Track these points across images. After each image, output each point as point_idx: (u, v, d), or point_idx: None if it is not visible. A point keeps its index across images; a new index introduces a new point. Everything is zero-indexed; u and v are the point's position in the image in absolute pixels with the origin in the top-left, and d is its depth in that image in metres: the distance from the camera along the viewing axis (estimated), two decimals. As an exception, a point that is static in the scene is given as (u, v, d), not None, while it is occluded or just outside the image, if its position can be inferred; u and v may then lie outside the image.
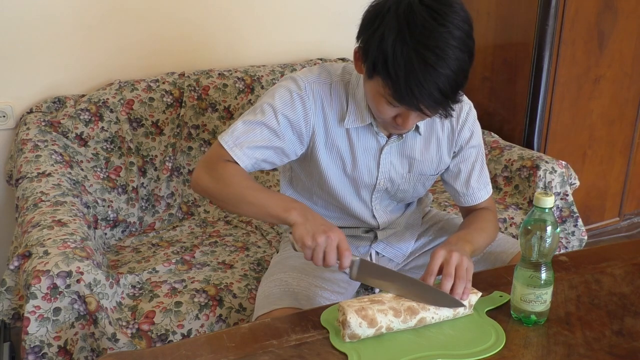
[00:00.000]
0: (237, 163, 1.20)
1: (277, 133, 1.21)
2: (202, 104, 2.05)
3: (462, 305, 1.06)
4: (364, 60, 1.11)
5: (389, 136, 1.27)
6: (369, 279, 1.10)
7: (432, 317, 1.05)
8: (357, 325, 0.99)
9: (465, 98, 1.30)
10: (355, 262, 1.09)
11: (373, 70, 1.08)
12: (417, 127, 1.27)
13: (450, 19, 1.03)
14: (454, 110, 1.12)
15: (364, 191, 1.33)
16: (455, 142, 1.32)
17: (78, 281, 1.29)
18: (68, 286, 1.28)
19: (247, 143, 1.20)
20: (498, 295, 1.15)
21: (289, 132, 1.22)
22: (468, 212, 1.39)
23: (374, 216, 1.38)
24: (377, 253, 1.43)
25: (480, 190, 1.36)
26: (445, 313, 1.06)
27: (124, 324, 1.39)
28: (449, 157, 1.34)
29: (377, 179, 1.31)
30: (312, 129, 1.24)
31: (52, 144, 1.81)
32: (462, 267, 1.08)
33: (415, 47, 1.01)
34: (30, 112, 1.95)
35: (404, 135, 1.26)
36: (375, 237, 1.42)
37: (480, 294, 1.10)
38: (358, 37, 1.12)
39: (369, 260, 1.11)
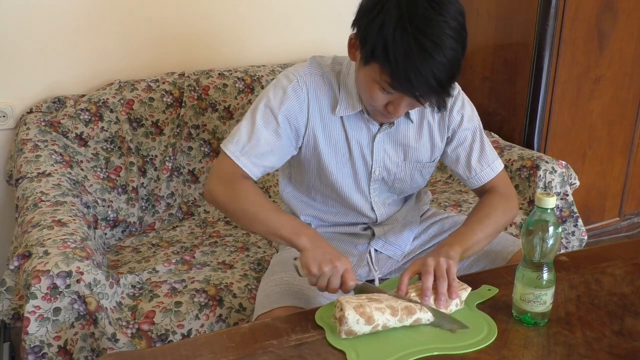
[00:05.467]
0: (249, 176, 1.24)
1: (279, 134, 1.24)
2: (202, 104, 2.05)
3: (465, 326, 1.05)
4: (361, 47, 1.13)
5: (380, 124, 1.29)
6: None
7: (428, 320, 1.06)
8: (355, 322, 0.99)
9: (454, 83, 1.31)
10: (358, 286, 1.12)
11: (371, 56, 1.09)
12: (408, 115, 1.29)
13: (447, 10, 1.06)
14: (446, 103, 1.15)
15: (362, 181, 1.34)
16: (447, 127, 1.33)
17: (78, 281, 1.29)
18: (68, 286, 1.28)
19: (252, 151, 1.23)
20: (486, 289, 1.17)
21: (287, 129, 1.25)
22: (479, 193, 1.40)
23: (372, 209, 1.38)
24: (376, 251, 1.43)
25: (484, 170, 1.36)
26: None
27: (124, 324, 1.39)
28: (442, 142, 1.35)
29: (371, 167, 1.32)
30: (307, 120, 1.26)
31: (52, 144, 1.81)
32: (440, 267, 1.10)
33: (414, 34, 1.04)
34: (30, 112, 1.95)
35: (395, 123, 1.28)
36: (373, 235, 1.42)
37: (469, 289, 1.12)
38: (354, 25, 1.15)
39: (369, 284, 1.14)
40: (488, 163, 1.36)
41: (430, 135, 1.33)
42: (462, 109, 1.33)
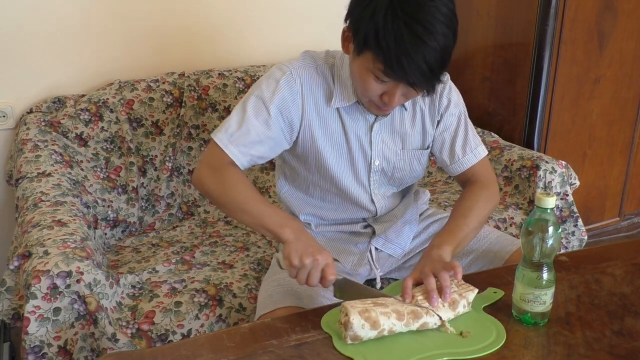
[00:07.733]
0: (235, 164, 1.23)
1: (269, 125, 1.24)
2: (202, 104, 2.05)
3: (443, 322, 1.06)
4: (354, 37, 1.14)
5: (376, 115, 1.29)
6: (353, 298, 1.08)
7: (435, 324, 1.05)
8: (360, 327, 0.98)
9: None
10: (338, 282, 1.11)
11: (364, 44, 1.11)
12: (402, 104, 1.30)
13: None
14: (435, 89, 1.17)
15: (361, 173, 1.34)
16: (437, 111, 1.35)
17: (78, 281, 1.29)
18: (68, 286, 1.28)
19: (241, 140, 1.23)
20: (492, 291, 1.16)
21: (279, 120, 1.25)
22: (461, 181, 1.41)
23: (372, 201, 1.38)
24: (377, 249, 1.43)
25: (466, 155, 1.37)
26: (448, 315, 1.06)
27: (124, 324, 1.39)
28: (433, 127, 1.37)
29: (371, 158, 1.32)
30: (302, 112, 1.27)
31: (52, 144, 1.81)
32: (437, 269, 1.10)
33: (405, 19, 1.05)
34: (30, 112, 1.95)
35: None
36: (374, 233, 1.42)
37: (476, 290, 1.11)
38: (347, 18, 1.16)
39: (350, 279, 1.14)
40: (471, 149, 1.37)
41: (422, 121, 1.35)
42: (450, 93, 1.35)
